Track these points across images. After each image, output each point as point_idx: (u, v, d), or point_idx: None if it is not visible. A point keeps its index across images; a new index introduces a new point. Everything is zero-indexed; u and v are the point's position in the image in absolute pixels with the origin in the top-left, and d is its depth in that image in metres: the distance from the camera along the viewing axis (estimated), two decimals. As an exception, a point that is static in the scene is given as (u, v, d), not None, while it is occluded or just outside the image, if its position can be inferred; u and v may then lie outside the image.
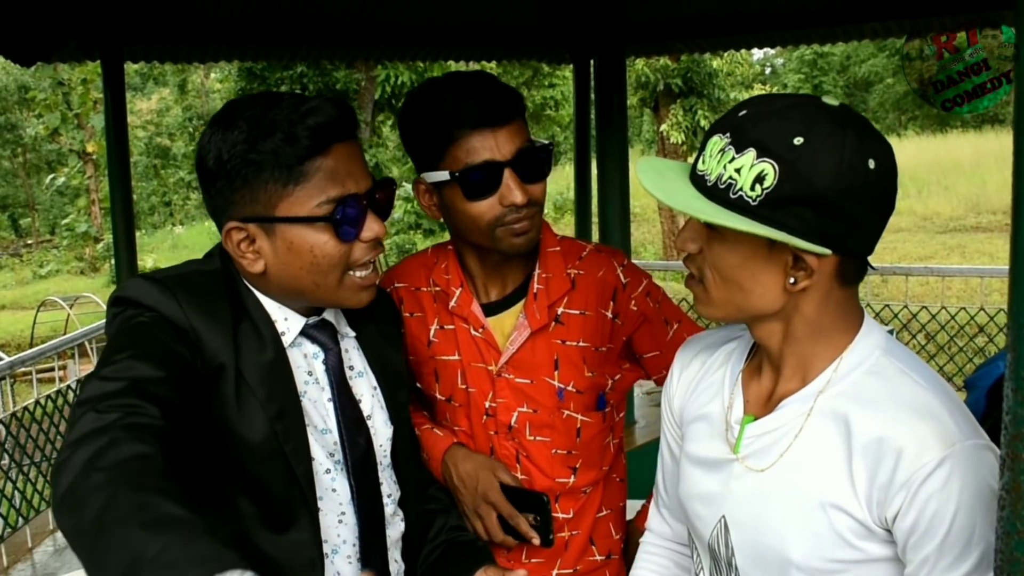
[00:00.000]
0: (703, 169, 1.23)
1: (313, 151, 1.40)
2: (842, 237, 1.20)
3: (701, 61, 17.20)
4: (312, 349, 1.56)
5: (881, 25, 5.30)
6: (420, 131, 1.75)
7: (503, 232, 1.74)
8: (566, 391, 1.87)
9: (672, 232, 18.85)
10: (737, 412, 1.38)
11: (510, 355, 1.85)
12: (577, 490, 1.93)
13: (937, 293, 7.90)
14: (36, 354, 5.58)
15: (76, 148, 26.35)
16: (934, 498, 1.16)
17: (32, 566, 4.98)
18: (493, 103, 1.70)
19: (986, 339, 7.03)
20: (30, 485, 5.29)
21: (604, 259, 1.93)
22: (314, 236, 1.43)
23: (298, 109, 1.40)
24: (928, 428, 1.19)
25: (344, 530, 1.56)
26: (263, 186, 1.40)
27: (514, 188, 1.70)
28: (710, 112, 17.55)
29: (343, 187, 1.43)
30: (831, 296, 1.27)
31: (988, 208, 21.45)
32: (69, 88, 24.54)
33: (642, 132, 29.97)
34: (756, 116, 1.21)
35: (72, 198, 29.61)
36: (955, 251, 17.78)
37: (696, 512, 1.43)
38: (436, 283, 1.91)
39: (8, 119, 29.72)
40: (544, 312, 1.85)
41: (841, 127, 1.18)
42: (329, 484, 1.54)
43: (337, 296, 1.50)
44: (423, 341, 1.91)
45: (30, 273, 25.07)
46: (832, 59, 39.01)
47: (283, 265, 1.45)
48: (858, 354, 1.29)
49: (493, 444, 1.89)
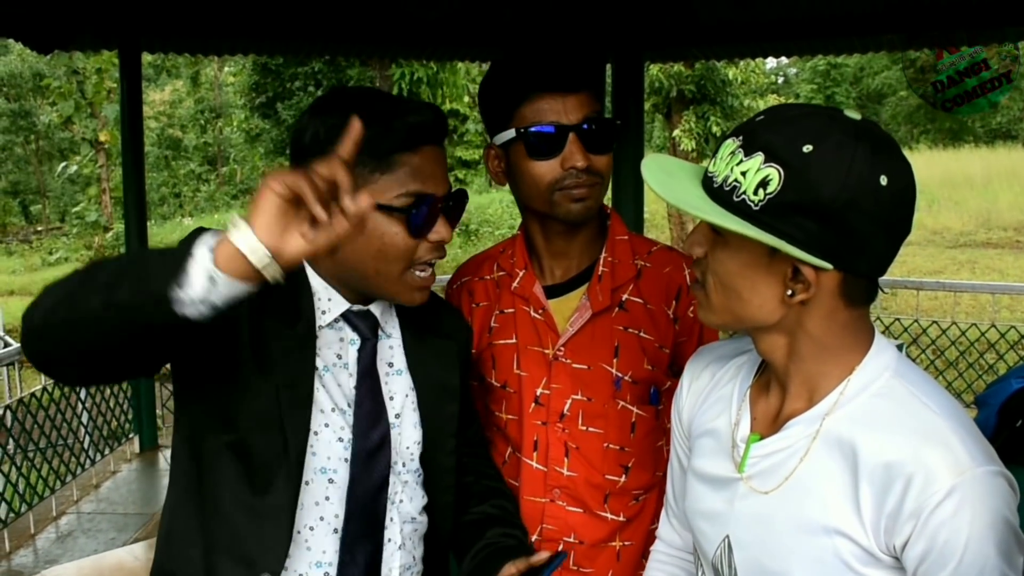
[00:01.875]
0: (713, 171, 1.22)
1: (404, 146, 1.49)
2: (846, 253, 1.17)
3: (715, 68, 17.16)
4: (350, 335, 1.62)
5: (899, 37, 5.29)
6: (495, 92, 1.81)
7: (561, 196, 1.76)
8: (623, 380, 1.84)
9: (681, 239, 18.81)
10: (744, 430, 1.36)
11: (569, 336, 1.84)
12: (628, 491, 1.88)
13: (947, 308, 7.87)
14: (45, 341, 5.57)
15: (89, 137, 26.34)
16: (944, 527, 1.14)
17: (34, 552, 4.98)
18: (566, 69, 1.74)
19: (996, 356, 6.99)
20: (34, 471, 5.30)
21: (674, 257, 1.92)
22: (387, 225, 1.50)
23: (399, 106, 1.51)
24: (938, 455, 1.16)
25: (327, 508, 1.57)
26: (352, 168, 1.41)
27: (576, 152, 1.73)
28: (723, 119, 17.50)
29: (423, 185, 1.50)
30: (836, 315, 1.23)
31: (999, 224, 21.37)
32: (84, 77, 24.56)
33: (653, 138, 29.92)
34: (771, 121, 1.19)
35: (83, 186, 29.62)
36: (965, 266, 17.70)
37: (700, 529, 1.42)
38: (501, 268, 1.94)
39: (22, 106, 29.75)
40: (607, 295, 1.84)
41: (855, 139, 1.15)
42: (322, 464, 1.56)
43: (395, 288, 1.56)
44: (485, 328, 1.92)
45: (39, 260, 25.07)
46: (845, 70, 38.90)
47: (353, 246, 1.49)
48: (867, 375, 1.25)
49: (538, 436, 1.86)
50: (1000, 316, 7.62)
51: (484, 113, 1.85)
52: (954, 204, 22.43)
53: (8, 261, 25.44)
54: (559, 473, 1.86)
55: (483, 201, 23.35)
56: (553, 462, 1.86)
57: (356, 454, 1.58)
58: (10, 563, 4.85)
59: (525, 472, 1.88)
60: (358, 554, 1.59)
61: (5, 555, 4.93)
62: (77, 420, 5.90)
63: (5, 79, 29.07)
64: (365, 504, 1.59)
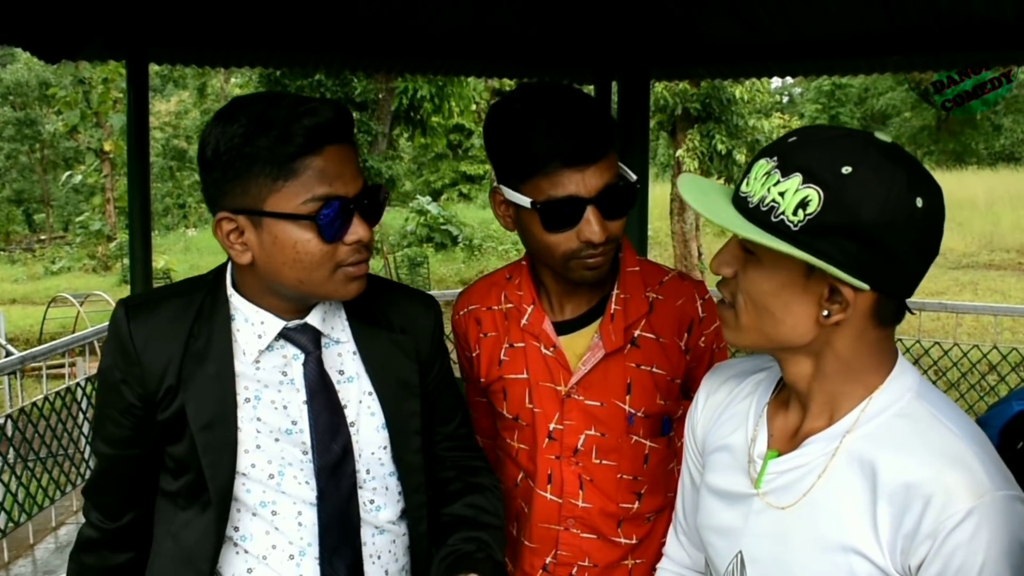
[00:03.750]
0: (746, 191, 1.21)
1: (305, 150, 1.43)
2: (882, 274, 1.17)
3: (721, 87, 17.21)
4: (292, 351, 1.59)
5: (905, 59, 5.30)
6: (505, 150, 1.71)
7: (576, 264, 1.71)
8: (636, 416, 1.82)
9: (684, 257, 18.82)
10: (761, 446, 1.36)
11: (581, 375, 1.80)
12: (641, 516, 1.88)
13: (949, 329, 7.87)
14: (47, 350, 5.59)
15: (94, 146, 26.47)
16: (961, 550, 1.13)
17: (33, 562, 4.97)
18: (588, 140, 1.63)
19: (998, 377, 6.98)
20: (35, 481, 5.29)
21: (687, 288, 1.88)
22: (298, 233, 1.45)
23: (296, 109, 1.44)
24: (958, 477, 1.15)
25: (305, 532, 1.58)
26: (254, 179, 1.44)
27: (594, 224, 1.66)
28: (727, 138, 17.55)
29: (330, 188, 1.45)
30: (865, 335, 1.23)
31: (1002, 246, 21.40)
32: (90, 86, 24.69)
33: (657, 155, 29.98)
34: (806, 142, 1.19)
35: (87, 196, 29.73)
36: (967, 288, 17.71)
37: (713, 544, 1.41)
38: (508, 300, 1.89)
39: (28, 115, 29.90)
40: (620, 334, 1.80)
41: (893, 162, 1.16)
42: (283, 487, 1.57)
43: (325, 290, 1.52)
44: (495, 360, 1.88)
45: (42, 269, 25.12)
46: (850, 91, 39.04)
47: (268, 258, 1.48)
48: (889, 395, 1.25)
49: (552, 470, 1.84)
50: (1002, 338, 7.61)
51: (492, 158, 1.76)
52: (957, 225, 22.46)
53: (11, 269, 25.48)
54: (574, 505, 1.86)
55: (487, 216, 23.38)
56: (568, 495, 1.85)
57: (320, 469, 1.57)
58: (9, 573, 4.84)
59: (539, 503, 1.87)
60: (339, 567, 1.59)
61: (4, 565, 4.91)
62: (78, 430, 5.88)
63: (11, 88, 29.21)
64: (339, 516, 1.59)
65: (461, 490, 1.76)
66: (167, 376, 1.54)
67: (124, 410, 1.57)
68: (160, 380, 1.54)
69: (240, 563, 1.60)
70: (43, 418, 5.42)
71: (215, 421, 1.54)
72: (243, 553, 1.59)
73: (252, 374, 1.57)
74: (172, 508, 1.61)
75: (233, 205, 1.47)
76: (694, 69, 6.06)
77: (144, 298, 1.62)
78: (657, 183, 23.76)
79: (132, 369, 1.54)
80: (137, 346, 1.54)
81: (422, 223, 23.63)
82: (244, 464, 1.55)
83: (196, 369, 1.54)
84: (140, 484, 1.64)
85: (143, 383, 1.54)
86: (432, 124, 18.67)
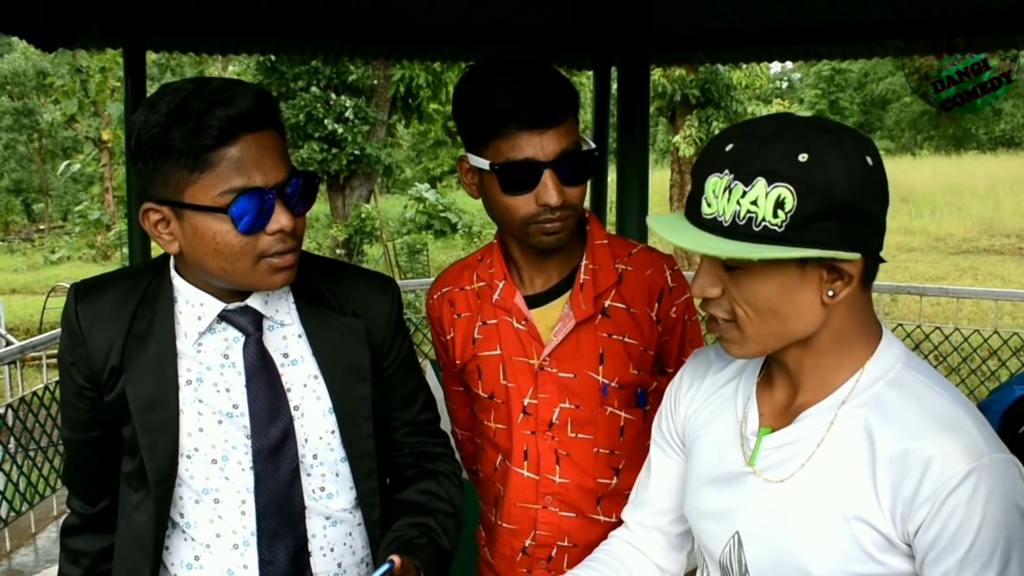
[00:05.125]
0: (711, 212, 1.20)
1: (220, 141, 1.40)
2: (865, 238, 1.20)
3: (720, 73, 17.17)
4: (234, 334, 1.59)
5: (905, 43, 5.29)
6: (468, 114, 1.74)
7: (535, 229, 1.73)
8: (610, 387, 1.84)
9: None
10: (752, 424, 1.37)
11: (553, 347, 1.82)
12: (620, 493, 1.87)
13: (950, 314, 7.86)
14: (47, 339, 5.59)
15: (92, 135, 26.38)
16: (959, 511, 1.16)
17: (35, 551, 4.99)
18: (545, 103, 1.66)
19: (998, 362, 6.98)
20: (36, 470, 5.30)
21: (655, 259, 1.91)
22: (216, 225, 1.44)
23: (213, 98, 1.41)
24: (956, 441, 1.18)
25: (248, 521, 1.57)
26: (172, 171, 1.43)
27: (551, 188, 1.69)
28: (727, 124, 17.51)
29: (248, 178, 1.42)
30: (856, 301, 1.26)
31: (1001, 231, 21.37)
32: (87, 75, 24.60)
33: (656, 141, 29.92)
34: (748, 147, 1.19)
35: (86, 185, 29.66)
36: (967, 273, 17.69)
37: (706, 529, 1.42)
38: (480, 278, 1.91)
39: (25, 104, 29.81)
40: (590, 303, 1.82)
41: (835, 134, 1.19)
42: (226, 472, 1.57)
43: (250, 281, 1.51)
44: (469, 340, 1.89)
45: (41, 258, 25.09)
46: (850, 76, 38.94)
47: (192, 249, 1.48)
48: (880, 366, 1.28)
49: (528, 445, 1.85)
50: (1003, 323, 7.60)
51: (459, 126, 1.79)
52: (957, 211, 22.45)
53: (10, 259, 25.47)
54: (551, 481, 1.86)
55: (485, 203, 23.31)
56: (545, 470, 1.86)
57: (258, 452, 1.56)
58: (11, 562, 4.86)
59: (515, 480, 1.88)
60: (279, 553, 1.58)
61: (6, 554, 4.92)
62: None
63: (9, 77, 29.13)
64: (278, 500, 1.58)
65: (416, 476, 1.75)
66: (111, 357, 1.55)
67: (77, 393, 1.60)
68: (104, 361, 1.55)
69: (187, 550, 1.61)
70: (44, 407, 5.42)
71: (155, 402, 1.54)
72: (190, 540, 1.60)
73: (194, 356, 1.57)
74: (128, 490, 1.62)
75: (156, 195, 1.46)
76: (694, 54, 6.04)
77: (93, 281, 1.64)
78: (656, 169, 23.71)
79: (79, 351, 1.57)
80: (83, 327, 1.56)
81: (421, 210, 23.58)
82: (187, 447, 1.56)
83: (138, 350, 1.55)
84: (109, 467, 1.65)
85: (89, 364, 1.56)
86: (429, 111, 18.62)
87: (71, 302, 1.59)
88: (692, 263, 18.56)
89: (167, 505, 1.58)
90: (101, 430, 1.62)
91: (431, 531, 1.64)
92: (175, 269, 1.59)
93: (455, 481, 1.77)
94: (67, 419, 1.65)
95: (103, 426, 1.61)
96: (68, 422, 1.66)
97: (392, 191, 30.75)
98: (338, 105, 17.29)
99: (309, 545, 1.61)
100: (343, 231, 18.23)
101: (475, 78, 1.75)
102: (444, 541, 1.65)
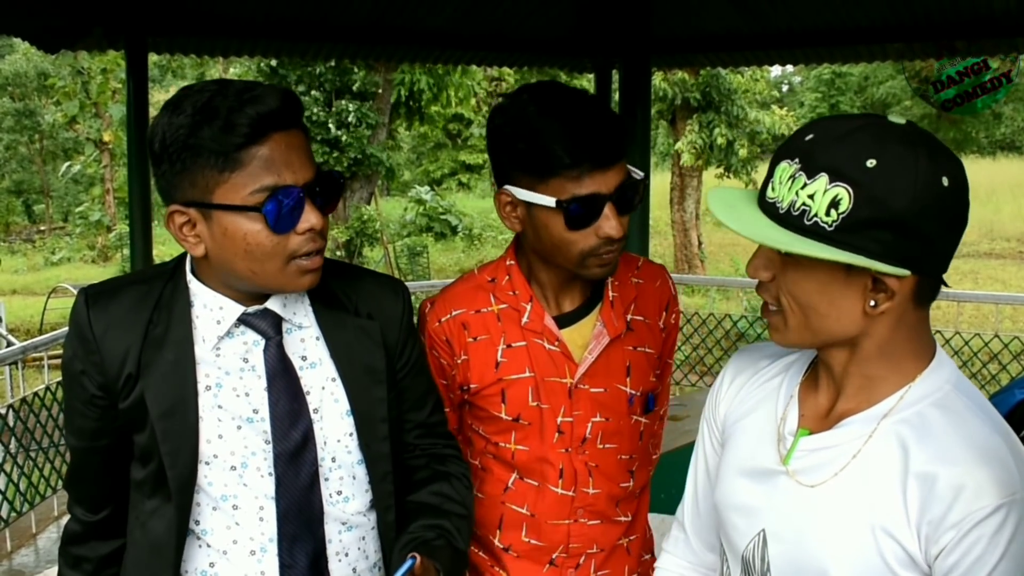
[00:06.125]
0: (773, 196, 1.21)
1: (250, 139, 1.40)
2: (919, 257, 1.18)
3: (720, 76, 17.16)
4: (253, 337, 1.57)
5: (906, 47, 5.29)
6: (520, 151, 1.70)
7: (593, 261, 1.73)
8: (635, 396, 1.88)
9: (684, 246, 18.82)
10: (791, 424, 1.36)
11: (588, 364, 1.83)
12: (633, 493, 1.93)
13: (950, 318, 7.87)
14: (48, 340, 5.59)
15: (93, 137, 26.39)
16: (981, 542, 1.15)
17: (35, 552, 4.98)
18: (609, 145, 1.67)
19: (999, 366, 6.98)
20: (37, 471, 5.30)
21: (659, 270, 1.98)
22: (247, 225, 1.43)
23: (241, 97, 1.41)
24: (991, 472, 1.16)
25: (267, 527, 1.56)
26: (201, 171, 1.42)
27: (613, 220, 1.69)
28: (727, 128, 17.51)
29: (278, 177, 1.42)
30: (905, 318, 1.24)
31: (1002, 235, 21.39)
32: (88, 77, 24.62)
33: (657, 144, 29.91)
34: (824, 140, 1.19)
35: (87, 186, 29.66)
36: (968, 276, 17.71)
37: (733, 522, 1.41)
38: (501, 301, 1.87)
39: (27, 105, 29.77)
40: (621, 319, 1.86)
41: (912, 146, 1.16)
42: (245, 479, 1.55)
43: (278, 282, 1.50)
44: (490, 363, 1.86)
45: (42, 259, 25.11)
46: (850, 79, 38.93)
47: (220, 250, 1.47)
48: (927, 385, 1.26)
49: (563, 464, 1.86)
50: (1003, 326, 7.60)
51: (499, 158, 1.76)
52: (957, 214, 22.38)
53: (11, 260, 25.47)
54: (585, 494, 1.88)
55: (486, 205, 23.38)
56: (580, 485, 1.87)
57: (279, 455, 1.55)
58: (11, 563, 4.85)
59: (549, 499, 1.88)
60: (299, 557, 1.58)
61: (7, 555, 4.92)
62: (79, 420, 5.87)
63: (10, 78, 29.12)
64: (298, 504, 1.57)
65: (428, 478, 1.74)
66: (127, 364, 1.52)
67: (87, 401, 1.56)
68: (120, 368, 1.52)
69: (202, 557, 1.59)
70: (44, 408, 5.42)
71: (174, 408, 1.52)
72: (205, 547, 1.59)
73: (213, 361, 1.55)
74: (140, 497, 1.60)
75: (183, 198, 1.45)
76: (694, 57, 6.05)
77: (104, 286, 1.61)
78: (657, 172, 23.72)
79: (92, 358, 1.53)
80: (96, 334, 1.53)
81: (421, 212, 23.59)
82: (207, 454, 1.54)
83: (155, 356, 1.53)
84: (115, 475, 1.63)
85: (103, 372, 1.53)
86: (431, 113, 18.63)
87: (82, 308, 1.55)
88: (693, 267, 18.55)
89: (187, 513, 1.56)
90: (110, 438, 1.59)
91: (447, 533, 1.65)
92: (192, 273, 1.58)
93: (465, 483, 1.77)
94: (74, 427, 1.62)
95: (113, 434, 1.58)
96: (75, 430, 1.62)
97: (392, 193, 30.74)
98: (340, 109, 17.32)
99: (327, 550, 1.61)
100: (344, 233, 18.25)
101: (525, 114, 1.70)
102: (460, 543, 1.66)
